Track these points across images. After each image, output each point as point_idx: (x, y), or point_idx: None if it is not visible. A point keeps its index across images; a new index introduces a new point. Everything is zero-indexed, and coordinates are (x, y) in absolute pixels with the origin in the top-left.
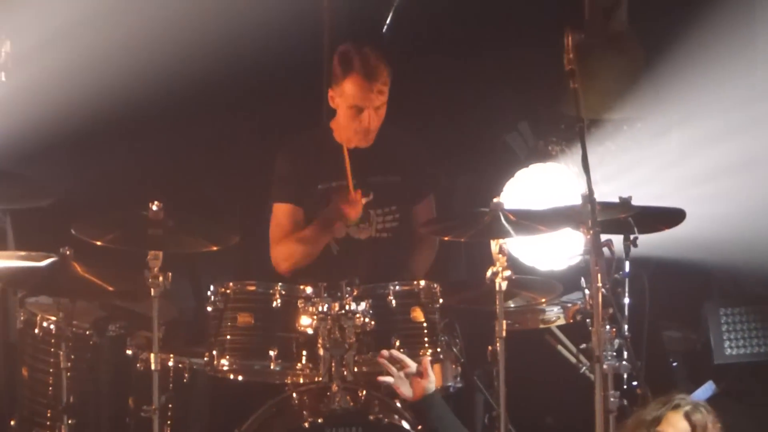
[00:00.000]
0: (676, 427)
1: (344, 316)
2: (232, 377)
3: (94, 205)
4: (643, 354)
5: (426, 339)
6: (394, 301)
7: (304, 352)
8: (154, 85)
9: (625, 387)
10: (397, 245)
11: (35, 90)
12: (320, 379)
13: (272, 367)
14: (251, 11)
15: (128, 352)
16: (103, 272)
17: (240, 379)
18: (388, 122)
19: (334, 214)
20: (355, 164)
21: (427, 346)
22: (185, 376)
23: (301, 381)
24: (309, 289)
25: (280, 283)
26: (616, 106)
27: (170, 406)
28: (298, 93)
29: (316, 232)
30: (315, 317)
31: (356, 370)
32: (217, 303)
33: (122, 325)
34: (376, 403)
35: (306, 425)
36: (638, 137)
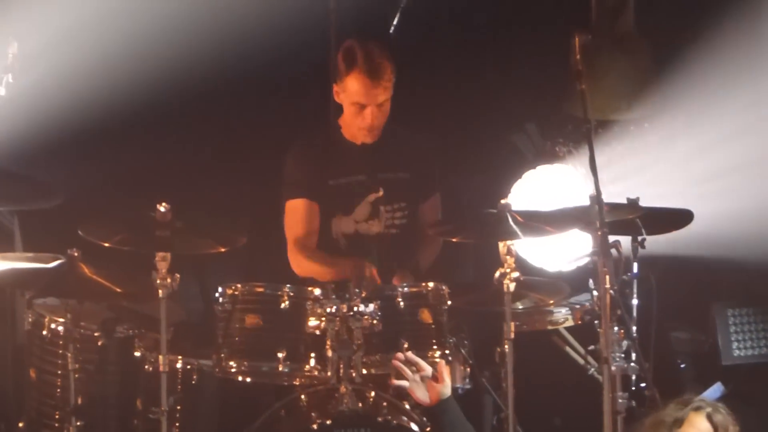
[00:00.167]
0: (699, 428)
1: (352, 318)
2: (240, 379)
3: (102, 206)
4: (651, 355)
5: (434, 340)
6: (402, 303)
7: (313, 354)
8: (161, 85)
9: (633, 388)
10: (406, 241)
11: (42, 91)
12: (329, 381)
13: (280, 368)
14: (258, 11)
15: (136, 354)
16: (111, 274)
17: (248, 380)
18: (397, 121)
19: (345, 272)
20: (363, 160)
21: (435, 347)
22: (193, 377)
23: (310, 382)
24: (317, 291)
25: (288, 285)
26: (623, 107)
27: (178, 408)
28: (305, 93)
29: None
30: (323, 318)
31: (364, 371)
32: (225, 304)
33: (130, 327)
34: (385, 404)
35: (314, 427)
36: (646, 138)
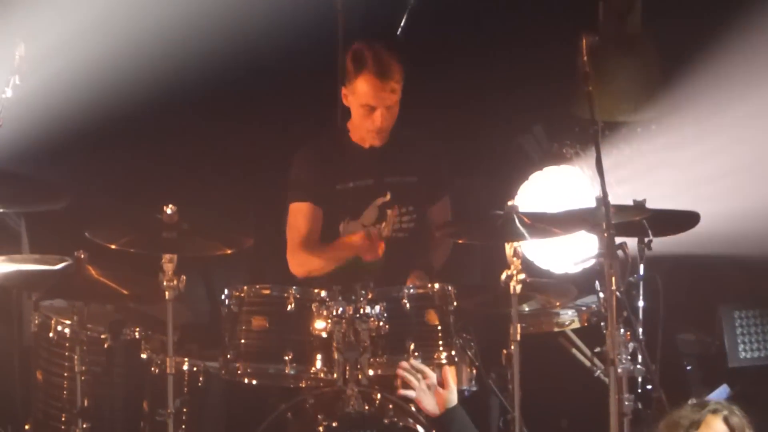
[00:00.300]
0: (716, 430)
1: (359, 320)
2: (246, 381)
3: (109, 208)
4: (657, 357)
5: (440, 342)
6: (408, 304)
7: (319, 356)
8: (168, 88)
9: (640, 390)
10: (414, 245)
11: (49, 93)
12: (335, 383)
13: (287, 370)
14: (265, 13)
15: (143, 356)
16: (118, 275)
17: (254, 382)
18: (404, 124)
19: (352, 249)
20: (371, 164)
21: (441, 349)
22: (200, 379)
23: (316, 384)
24: (323, 293)
25: (294, 287)
26: (630, 109)
27: (185, 410)
28: (312, 95)
29: (334, 253)
30: (329, 320)
31: (371, 373)
32: (232, 306)
33: (137, 329)
34: (391, 406)
35: (320, 429)
36: (653, 140)
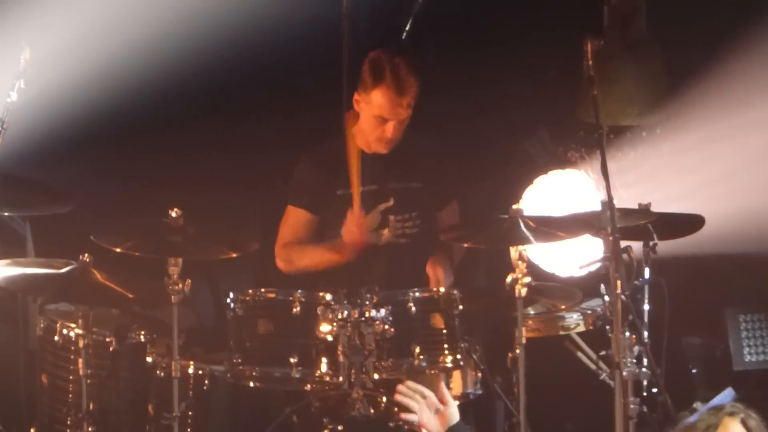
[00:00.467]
0: None
1: (364, 323)
2: (252, 384)
3: (114, 211)
4: (662, 360)
5: (446, 345)
6: (413, 308)
7: (324, 359)
8: (173, 92)
9: (645, 394)
10: (416, 251)
11: (54, 97)
12: (340, 386)
13: (292, 373)
14: (271, 18)
15: (148, 359)
16: (123, 279)
17: (260, 386)
18: (409, 127)
19: (341, 246)
20: (375, 170)
21: (446, 352)
22: (205, 383)
23: (321, 388)
24: (329, 296)
25: (299, 290)
26: (635, 113)
27: (190, 414)
28: (317, 100)
29: (324, 254)
30: (335, 324)
31: (376, 376)
32: (237, 310)
33: (142, 332)
34: (396, 410)
35: None
36: (658, 143)
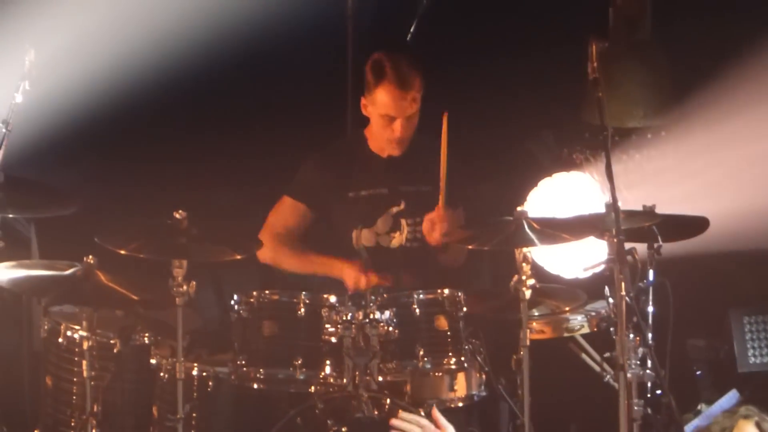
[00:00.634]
0: None
1: (368, 325)
2: (256, 386)
3: (118, 213)
4: (667, 362)
5: (450, 347)
6: (418, 310)
7: (329, 361)
8: (178, 93)
9: (649, 396)
10: (427, 255)
11: (59, 98)
12: (345, 388)
13: (297, 375)
14: (275, 20)
15: (152, 361)
16: (127, 281)
17: (264, 387)
18: (419, 131)
19: (339, 271)
20: (387, 172)
21: (451, 354)
22: (209, 385)
23: (326, 390)
24: (333, 298)
25: (304, 292)
26: (640, 115)
27: (194, 415)
28: (322, 102)
29: (315, 267)
30: (339, 326)
31: (380, 378)
32: (242, 312)
33: (146, 334)
34: (401, 411)
35: None
36: (662, 146)
